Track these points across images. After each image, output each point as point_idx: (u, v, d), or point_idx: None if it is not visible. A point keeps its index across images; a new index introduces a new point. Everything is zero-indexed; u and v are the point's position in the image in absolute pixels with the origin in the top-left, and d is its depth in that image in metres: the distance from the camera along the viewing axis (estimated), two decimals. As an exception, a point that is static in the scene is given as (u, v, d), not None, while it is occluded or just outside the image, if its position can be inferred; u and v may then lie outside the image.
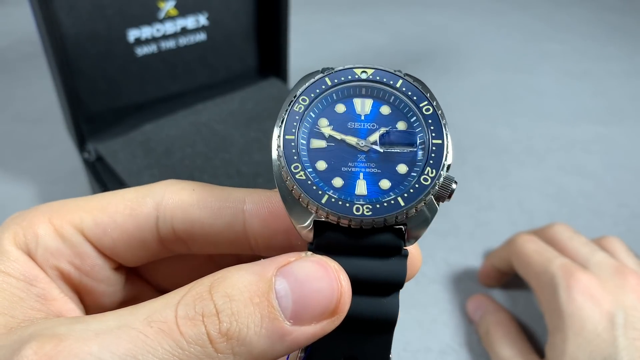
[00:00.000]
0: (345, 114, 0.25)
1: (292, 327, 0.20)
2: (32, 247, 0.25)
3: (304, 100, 0.24)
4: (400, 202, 0.22)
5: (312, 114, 0.24)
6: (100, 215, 0.26)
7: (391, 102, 0.25)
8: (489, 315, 0.52)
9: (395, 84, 0.24)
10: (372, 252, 0.23)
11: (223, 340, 0.19)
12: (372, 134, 0.24)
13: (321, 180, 0.23)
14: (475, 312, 0.53)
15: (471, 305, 0.54)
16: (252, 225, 0.26)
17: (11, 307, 0.22)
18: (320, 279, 0.21)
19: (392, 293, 0.23)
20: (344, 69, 0.25)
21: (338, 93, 0.25)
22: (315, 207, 0.22)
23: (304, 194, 0.22)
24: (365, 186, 0.23)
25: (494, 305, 0.53)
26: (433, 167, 0.23)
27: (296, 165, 0.23)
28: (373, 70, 0.25)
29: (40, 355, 0.19)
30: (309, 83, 0.25)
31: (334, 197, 0.22)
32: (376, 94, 0.25)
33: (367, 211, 0.22)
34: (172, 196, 0.26)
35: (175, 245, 0.27)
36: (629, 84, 0.91)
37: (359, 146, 0.24)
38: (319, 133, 0.24)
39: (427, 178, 0.23)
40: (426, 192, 0.23)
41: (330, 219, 0.22)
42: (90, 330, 0.20)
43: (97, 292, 0.27)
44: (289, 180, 0.23)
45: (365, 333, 0.23)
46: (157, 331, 0.19)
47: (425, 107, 0.24)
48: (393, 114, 0.25)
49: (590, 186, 0.69)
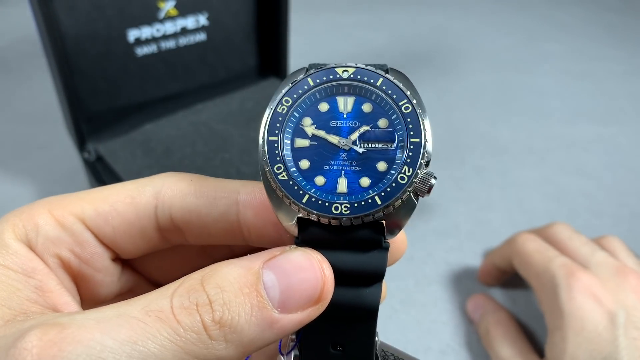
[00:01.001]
0: (328, 112, 0.25)
1: (280, 315, 0.22)
2: (32, 237, 0.25)
3: (287, 101, 0.25)
4: (377, 201, 0.23)
5: (295, 113, 0.25)
6: (101, 204, 0.26)
7: (373, 99, 0.25)
8: (488, 315, 0.52)
9: (376, 83, 0.25)
10: (353, 246, 0.24)
11: (216, 328, 0.21)
12: (353, 132, 0.25)
13: (304, 179, 0.24)
14: (475, 312, 0.53)
15: (471, 305, 0.54)
16: (246, 215, 0.27)
17: (8, 299, 0.23)
18: (305, 270, 0.22)
19: (373, 284, 0.24)
20: (325, 69, 0.25)
21: (321, 92, 0.25)
22: (297, 207, 0.23)
23: (285, 194, 0.24)
24: (346, 184, 0.24)
25: (493, 304, 0.53)
26: (410, 165, 0.23)
27: (279, 166, 0.24)
28: (354, 69, 0.25)
29: (44, 341, 0.19)
30: (291, 84, 0.25)
31: (314, 196, 0.23)
32: (358, 91, 0.25)
33: (345, 210, 0.23)
34: (171, 186, 0.27)
35: (172, 234, 0.28)
36: (629, 84, 0.91)
37: (341, 144, 0.24)
38: (303, 132, 0.25)
39: (403, 177, 0.23)
40: (402, 191, 0.23)
41: (312, 217, 0.23)
42: (91, 318, 0.20)
43: (95, 280, 0.28)
44: (273, 181, 0.24)
45: (349, 321, 0.25)
46: (155, 319, 0.20)
47: (405, 105, 0.24)
48: (374, 111, 0.25)
49: (590, 186, 0.69)
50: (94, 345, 0.19)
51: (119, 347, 0.19)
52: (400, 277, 0.57)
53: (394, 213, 0.23)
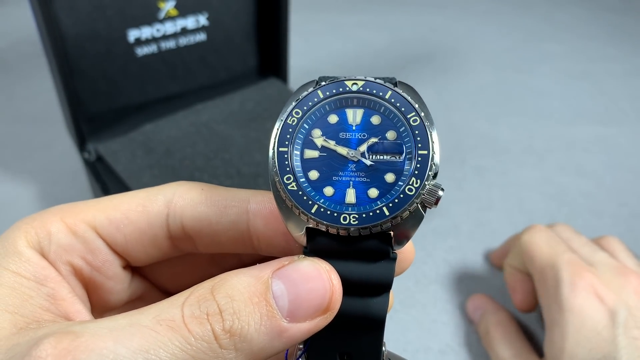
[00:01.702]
0: (337, 124, 0.25)
1: (289, 324, 0.22)
2: (44, 245, 0.25)
3: (297, 113, 0.25)
4: (385, 212, 0.23)
5: (305, 125, 0.25)
6: (113, 212, 0.27)
7: (381, 112, 0.25)
8: (488, 315, 0.52)
9: (385, 95, 0.25)
10: (361, 257, 0.24)
11: (227, 337, 0.21)
12: (362, 144, 0.25)
13: (313, 190, 0.24)
14: (475, 312, 0.53)
15: (471, 305, 0.54)
16: (255, 224, 0.27)
17: (21, 306, 0.23)
18: (313, 279, 0.22)
19: (381, 294, 0.24)
20: (335, 82, 0.26)
21: (330, 104, 0.26)
22: (306, 217, 0.24)
23: (295, 204, 0.24)
24: (354, 195, 0.24)
25: (493, 305, 0.53)
26: (418, 177, 0.24)
27: (289, 177, 0.24)
28: (363, 82, 0.25)
29: (59, 349, 0.19)
30: (302, 96, 0.26)
31: (323, 206, 0.24)
32: (367, 104, 0.26)
33: (353, 220, 0.23)
34: (182, 195, 0.27)
35: (183, 242, 0.28)
36: (629, 84, 0.91)
37: (349, 156, 0.25)
38: (312, 143, 0.25)
39: (411, 188, 0.24)
40: (410, 202, 0.23)
41: (320, 227, 0.24)
42: (104, 327, 0.20)
43: (106, 287, 0.28)
44: (282, 191, 0.24)
45: (357, 331, 0.25)
46: (166, 328, 0.20)
47: (413, 118, 0.25)
48: (383, 123, 0.25)
49: (590, 186, 0.69)
50: (107, 354, 0.19)
51: (131, 356, 0.19)
52: (400, 277, 0.57)
53: (401, 224, 0.24)
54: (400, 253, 0.25)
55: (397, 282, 0.61)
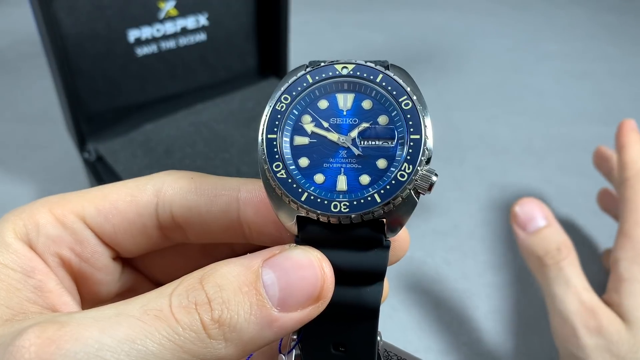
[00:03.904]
0: (327, 109, 0.25)
1: (280, 313, 0.21)
2: (32, 236, 0.25)
3: (286, 98, 0.25)
4: (377, 199, 0.23)
5: (295, 111, 0.25)
6: (102, 202, 0.26)
7: (373, 96, 0.25)
8: (560, 233, 0.47)
9: (376, 79, 0.24)
10: (353, 245, 0.24)
11: (215, 327, 0.20)
12: (353, 129, 0.24)
13: (303, 177, 0.24)
14: (537, 219, 0.49)
15: (530, 207, 0.49)
16: (246, 213, 0.26)
17: (8, 298, 0.23)
18: (304, 268, 0.22)
19: (374, 283, 0.24)
20: (325, 66, 0.25)
21: (320, 89, 0.25)
22: (296, 205, 0.23)
23: (284, 192, 0.23)
24: (345, 181, 0.24)
25: (557, 222, 0.49)
26: (410, 162, 0.23)
27: (278, 164, 0.24)
28: (354, 65, 0.25)
29: (42, 339, 0.19)
30: (291, 81, 0.25)
31: (313, 194, 0.23)
32: (358, 88, 0.25)
33: (344, 208, 0.23)
34: (172, 184, 0.27)
35: (173, 232, 0.28)
36: (629, 84, 0.91)
37: (340, 142, 0.24)
38: (302, 130, 0.25)
39: (403, 174, 0.23)
40: (402, 189, 0.23)
41: (311, 215, 0.23)
42: (90, 317, 0.20)
43: (95, 279, 0.28)
44: (272, 179, 0.24)
45: (350, 321, 0.24)
46: (153, 318, 0.20)
47: (405, 101, 0.24)
48: (374, 108, 0.24)
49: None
50: (92, 344, 0.19)
51: (117, 346, 0.19)
52: (400, 276, 0.57)
53: (394, 211, 0.23)
54: (394, 241, 0.25)
55: (397, 282, 0.61)
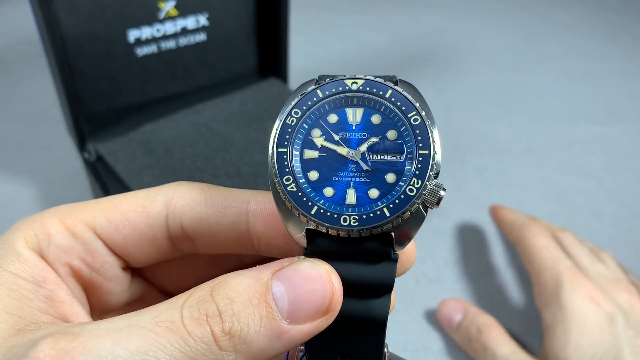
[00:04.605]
0: (337, 124, 0.25)
1: (289, 326, 0.22)
2: (43, 246, 0.25)
3: (296, 113, 0.25)
4: (385, 213, 0.23)
5: (305, 125, 0.25)
6: (112, 213, 0.27)
7: (382, 111, 0.25)
8: (474, 317, 0.51)
9: (385, 94, 0.25)
10: (361, 258, 0.24)
11: (226, 339, 0.21)
12: (362, 144, 0.25)
13: (313, 190, 0.24)
14: (452, 316, 0.52)
15: (446, 309, 0.52)
16: (255, 225, 0.27)
17: (20, 308, 0.23)
18: (313, 281, 0.22)
19: (382, 295, 0.24)
20: (335, 81, 0.25)
21: (330, 104, 0.25)
22: (306, 218, 0.23)
23: (294, 205, 0.24)
24: (354, 195, 0.24)
25: (474, 308, 0.52)
26: (419, 177, 0.23)
27: (288, 178, 0.24)
28: (364, 80, 0.25)
29: (57, 350, 0.19)
30: (301, 95, 0.25)
31: (323, 207, 0.23)
32: (367, 103, 0.25)
33: (354, 222, 0.23)
34: (182, 195, 0.27)
35: (183, 243, 0.28)
36: (629, 84, 0.91)
37: (349, 156, 0.24)
38: (312, 143, 0.25)
39: (412, 189, 0.23)
40: (411, 203, 0.23)
41: (320, 228, 0.23)
42: (102, 328, 0.20)
43: (105, 289, 0.28)
44: (282, 192, 0.24)
45: (358, 333, 0.25)
46: (165, 330, 0.20)
47: (414, 117, 0.24)
48: (383, 123, 0.25)
49: (590, 186, 0.69)
50: (105, 355, 0.19)
51: (129, 357, 0.19)
52: (400, 277, 0.57)
53: (402, 225, 0.23)
54: (402, 254, 0.25)
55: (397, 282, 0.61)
